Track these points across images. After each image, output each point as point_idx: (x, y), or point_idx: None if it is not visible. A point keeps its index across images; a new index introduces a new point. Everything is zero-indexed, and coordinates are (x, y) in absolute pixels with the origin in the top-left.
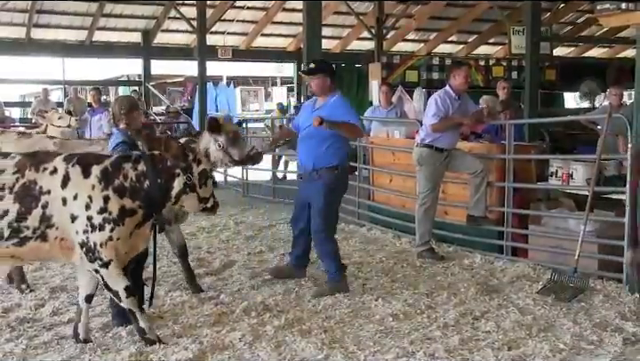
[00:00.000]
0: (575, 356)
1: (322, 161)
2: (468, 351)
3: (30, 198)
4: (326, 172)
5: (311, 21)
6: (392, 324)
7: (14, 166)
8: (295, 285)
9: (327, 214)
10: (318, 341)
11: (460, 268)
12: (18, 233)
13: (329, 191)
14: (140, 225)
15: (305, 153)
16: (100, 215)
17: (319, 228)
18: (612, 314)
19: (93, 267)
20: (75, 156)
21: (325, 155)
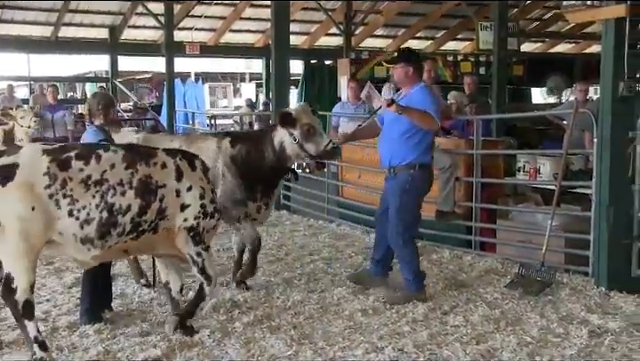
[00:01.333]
0: (542, 349)
1: (398, 157)
2: (436, 346)
3: (149, 193)
4: (402, 170)
5: (279, 17)
6: (361, 319)
7: (123, 161)
8: (265, 282)
9: (403, 216)
10: (287, 338)
11: (429, 263)
12: (137, 227)
13: (403, 192)
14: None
15: (383, 148)
16: (212, 205)
17: (395, 231)
18: (579, 307)
19: (197, 250)
20: (175, 151)
21: (401, 150)
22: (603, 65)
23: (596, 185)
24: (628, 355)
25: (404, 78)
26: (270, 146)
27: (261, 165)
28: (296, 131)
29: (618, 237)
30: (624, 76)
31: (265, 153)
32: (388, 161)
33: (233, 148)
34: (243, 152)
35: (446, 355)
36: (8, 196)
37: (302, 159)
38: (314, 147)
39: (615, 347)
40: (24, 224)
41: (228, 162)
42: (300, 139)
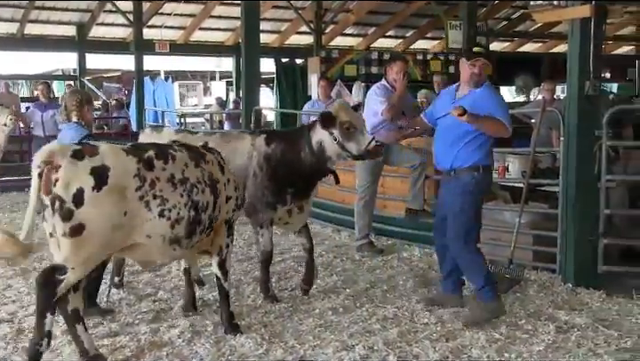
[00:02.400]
0: (510, 346)
1: (460, 159)
2: (406, 344)
3: (215, 189)
4: (465, 172)
5: (249, 15)
6: (332, 318)
7: (191, 160)
8: (235, 281)
9: (463, 219)
10: (258, 336)
11: (399, 262)
12: (211, 224)
13: (465, 193)
14: None
15: (441, 150)
16: (238, 198)
17: (455, 236)
18: (546, 303)
19: (227, 241)
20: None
21: (464, 152)
22: (569, 64)
23: (563, 183)
24: (594, 349)
25: (480, 76)
26: (308, 146)
27: (297, 167)
28: (336, 130)
29: (584, 235)
30: (590, 75)
31: (302, 153)
32: (449, 163)
33: (268, 147)
34: (278, 152)
35: (416, 352)
36: (103, 201)
37: (344, 159)
38: (356, 146)
39: (581, 342)
40: (115, 230)
41: (262, 161)
42: (341, 138)
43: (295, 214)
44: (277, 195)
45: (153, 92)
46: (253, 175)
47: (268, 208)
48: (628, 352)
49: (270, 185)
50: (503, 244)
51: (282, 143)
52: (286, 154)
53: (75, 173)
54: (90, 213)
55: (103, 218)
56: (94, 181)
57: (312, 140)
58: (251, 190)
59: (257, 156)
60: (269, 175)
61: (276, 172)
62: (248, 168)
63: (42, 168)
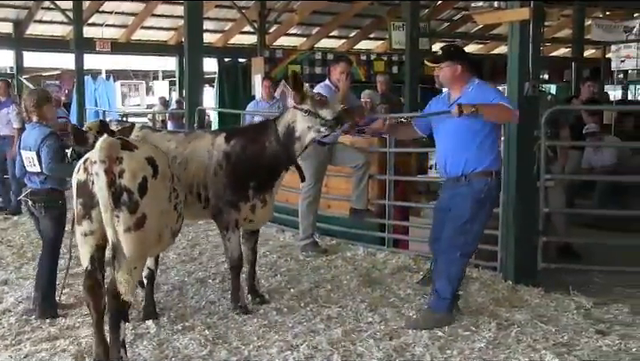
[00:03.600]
0: (452, 343)
1: (472, 163)
2: (350, 343)
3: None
4: (478, 177)
5: (192, 15)
6: (276, 318)
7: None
8: (178, 282)
9: (471, 228)
10: (202, 338)
11: (343, 261)
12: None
13: (477, 201)
14: None
15: (449, 154)
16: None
17: (454, 245)
18: (487, 301)
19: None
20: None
21: (476, 155)
22: (509, 65)
23: (504, 182)
24: (532, 345)
25: (452, 78)
26: (274, 134)
27: (259, 158)
28: (306, 104)
29: (524, 233)
30: (529, 76)
31: (266, 143)
32: (459, 168)
33: (227, 144)
34: (237, 147)
35: (360, 351)
36: (158, 187)
37: (315, 131)
38: (330, 110)
39: (521, 338)
40: (163, 216)
41: (221, 159)
42: (313, 108)
43: (259, 210)
44: (239, 191)
45: (94, 91)
46: (214, 174)
47: (231, 207)
48: (565, 347)
49: (230, 182)
50: None
51: (242, 138)
52: (247, 148)
53: (138, 163)
54: (149, 204)
55: (157, 206)
56: (152, 170)
57: (278, 127)
58: (212, 190)
59: (216, 155)
60: (228, 172)
61: (235, 168)
62: (208, 168)
63: (107, 163)
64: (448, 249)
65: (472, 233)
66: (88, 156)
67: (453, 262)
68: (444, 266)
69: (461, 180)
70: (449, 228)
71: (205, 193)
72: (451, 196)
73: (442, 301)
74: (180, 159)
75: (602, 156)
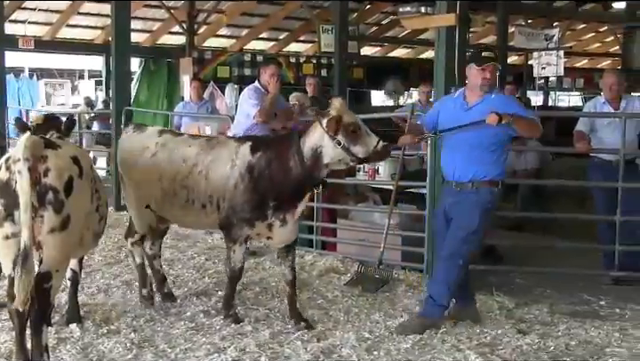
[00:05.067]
0: (379, 344)
1: (483, 171)
2: (278, 345)
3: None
4: (485, 186)
5: (120, 14)
6: (203, 320)
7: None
8: (104, 285)
9: (475, 237)
10: (127, 341)
11: (272, 263)
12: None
13: (484, 210)
14: None
15: (460, 159)
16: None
17: (455, 253)
18: (414, 302)
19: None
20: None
21: (487, 163)
22: (435, 70)
23: (430, 185)
24: (457, 345)
25: (492, 82)
26: (297, 154)
27: (283, 178)
28: (339, 134)
29: None
30: (455, 80)
31: (290, 162)
32: (469, 175)
33: (252, 156)
34: (263, 161)
35: (288, 353)
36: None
37: (344, 164)
38: (363, 148)
39: (445, 338)
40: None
41: (244, 172)
42: (346, 142)
43: (277, 229)
44: (257, 210)
45: (17, 90)
46: (234, 186)
47: (245, 224)
48: (488, 346)
49: (250, 198)
50: (373, 244)
51: (268, 151)
52: (272, 163)
53: (63, 162)
54: (74, 204)
55: (82, 207)
56: (78, 169)
57: (304, 146)
58: (229, 202)
59: (239, 165)
60: (250, 188)
61: (257, 184)
62: (229, 178)
63: (31, 161)
64: (451, 257)
65: (476, 241)
66: (10, 154)
67: (455, 270)
68: (444, 274)
69: (467, 186)
70: (453, 237)
71: (224, 204)
72: (454, 202)
73: (437, 308)
74: (200, 167)
75: (524, 161)
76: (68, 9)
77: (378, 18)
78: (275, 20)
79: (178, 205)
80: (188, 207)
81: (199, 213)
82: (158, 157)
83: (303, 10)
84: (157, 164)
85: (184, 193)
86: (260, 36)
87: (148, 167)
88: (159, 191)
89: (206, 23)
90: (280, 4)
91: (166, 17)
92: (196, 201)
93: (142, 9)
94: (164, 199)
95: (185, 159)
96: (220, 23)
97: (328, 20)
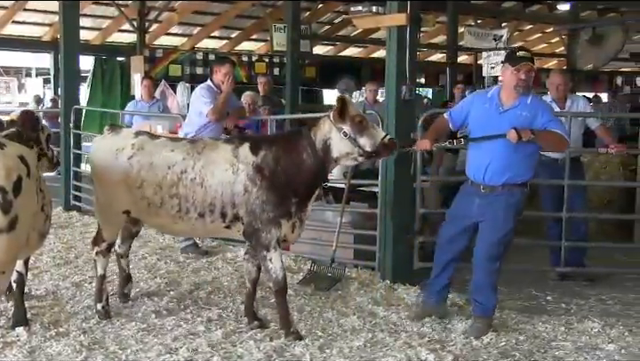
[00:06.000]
0: (332, 343)
1: (516, 174)
2: (231, 344)
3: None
4: (517, 188)
5: (68, 11)
6: (155, 321)
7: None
8: (53, 287)
9: (508, 239)
10: (77, 343)
11: (224, 263)
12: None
13: (516, 212)
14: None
15: (491, 161)
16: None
17: (493, 256)
18: (366, 300)
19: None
20: None
21: (522, 166)
22: (387, 69)
23: (382, 183)
24: (409, 342)
25: (528, 83)
26: (311, 146)
27: (300, 171)
28: (346, 125)
29: (401, 233)
30: (406, 80)
31: (304, 155)
32: (501, 177)
33: (256, 156)
34: (270, 159)
35: (240, 353)
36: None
37: (352, 159)
38: (370, 140)
39: (397, 336)
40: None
41: (252, 174)
42: (353, 133)
43: (297, 228)
44: (281, 207)
45: None
46: (245, 191)
47: (272, 225)
48: (439, 343)
49: (271, 197)
50: (325, 243)
51: (273, 149)
52: (281, 159)
53: (12, 161)
54: (22, 205)
55: (29, 207)
56: (26, 169)
57: (316, 139)
58: (246, 208)
59: (244, 169)
60: (266, 187)
61: (273, 182)
62: (234, 184)
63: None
64: (487, 261)
65: (510, 241)
66: None
67: (494, 273)
68: (486, 279)
69: (498, 189)
70: (487, 240)
71: (233, 211)
72: (483, 205)
73: (489, 309)
74: (192, 174)
75: None
76: (14, 5)
77: (330, 17)
78: (227, 18)
79: (166, 215)
80: (179, 217)
81: (194, 223)
82: (136, 161)
83: (255, 8)
84: (136, 169)
85: (174, 202)
86: (212, 35)
87: (125, 171)
88: (141, 199)
89: (157, 21)
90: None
91: (116, 14)
92: (191, 210)
93: (92, 6)
94: (149, 208)
95: (170, 165)
96: (171, 21)
97: (280, 19)
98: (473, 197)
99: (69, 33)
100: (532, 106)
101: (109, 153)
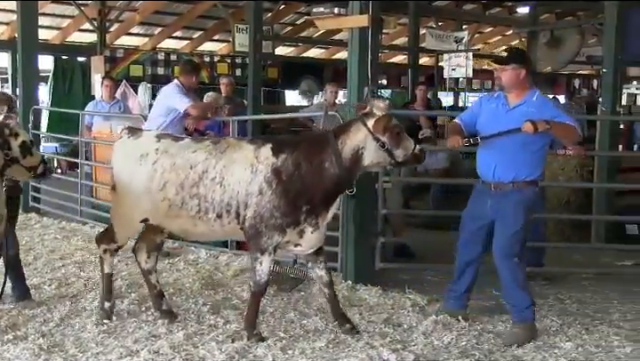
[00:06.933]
0: (294, 343)
1: (524, 172)
2: (192, 346)
3: None
4: (527, 185)
5: (26, 9)
6: (116, 323)
7: None
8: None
9: (522, 237)
10: (35, 347)
11: (186, 264)
12: None
13: (528, 209)
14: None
15: (500, 161)
16: None
17: (511, 253)
18: None
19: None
20: None
21: (529, 163)
22: (349, 70)
23: None
24: (370, 343)
25: (515, 82)
26: (334, 155)
27: (318, 180)
28: (385, 136)
29: (363, 234)
30: (368, 81)
31: (326, 164)
32: (510, 175)
33: (276, 158)
34: (290, 163)
35: (202, 354)
36: None
37: (378, 168)
38: (403, 152)
39: (359, 336)
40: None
41: (270, 176)
42: (390, 144)
43: (308, 235)
44: (289, 214)
45: None
46: (259, 192)
47: (276, 232)
48: (401, 343)
49: (280, 204)
50: None
51: (295, 153)
52: (302, 165)
53: None
54: None
55: None
56: None
57: (344, 147)
58: (254, 210)
59: (263, 170)
60: (279, 192)
61: (287, 187)
62: (251, 184)
63: None
64: (503, 259)
65: (523, 239)
66: None
67: (515, 269)
68: (507, 277)
69: (508, 187)
70: (499, 237)
71: (245, 212)
72: (495, 203)
73: (526, 311)
74: (213, 174)
75: (436, 160)
76: None
77: (292, 18)
78: (188, 18)
79: (187, 216)
80: (199, 217)
81: (213, 224)
82: (160, 165)
83: (217, 9)
84: (159, 172)
85: (194, 202)
86: (174, 35)
87: (149, 177)
88: (162, 201)
89: (118, 21)
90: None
91: (76, 14)
92: (209, 210)
93: (51, 5)
94: (169, 210)
95: (192, 165)
96: (132, 21)
97: (242, 20)
98: (485, 198)
99: (28, 32)
100: (537, 102)
101: (133, 160)
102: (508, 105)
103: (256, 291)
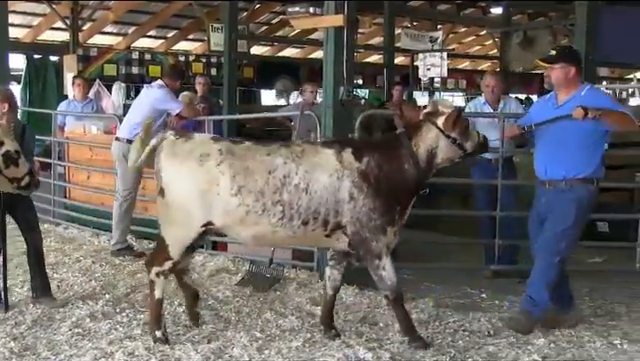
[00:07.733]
0: (270, 343)
1: (576, 169)
2: (168, 347)
3: None
4: (580, 183)
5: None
6: (90, 325)
7: None
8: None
9: (572, 237)
10: (6, 351)
11: None
12: None
13: (580, 207)
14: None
15: (551, 158)
16: None
17: (552, 250)
18: (305, 300)
19: None
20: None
21: (582, 160)
22: (325, 70)
23: None
24: (347, 341)
25: (564, 80)
26: (410, 157)
27: (401, 180)
28: (455, 132)
29: None
30: (343, 81)
31: (404, 165)
32: (561, 172)
33: (360, 163)
34: (374, 166)
35: (178, 355)
36: None
37: (451, 162)
38: (472, 143)
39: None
40: None
41: (358, 180)
42: (461, 138)
43: (397, 235)
44: (387, 214)
45: None
46: (350, 198)
47: (381, 233)
48: (377, 342)
49: (378, 205)
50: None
51: (375, 154)
52: (383, 166)
53: None
54: None
55: None
56: None
57: (419, 149)
58: (351, 217)
59: (350, 176)
60: (373, 194)
61: (379, 188)
62: (339, 190)
63: None
64: (547, 255)
65: (572, 238)
66: None
67: (552, 268)
68: (541, 272)
69: (560, 184)
70: (549, 234)
71: (336, 219)
72: (548, 201)
73: (538, 307)
74: (297, 180)
75: None
76: None
77: (268, 17)
78: (163, 17)
79: (267, 223)
80: (281, 224)
81: (296, 230)
82: (228, 166)
83: (192, 8)
84: (229, 175)
85: (278, 209)
86: (148, 34)
87: (214, 178)
88: (237, 207)
89: (91, 19)
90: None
91: (48, 12)
92: (295, 218)
93: (21, 3)
94: (246, 217)
95: (270, 170)
96: (105, 20)
97: (217, 19)
98: (541, 196)
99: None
100: (585, 97)
101: (191, 160)
102: (557, 103)
103: (395, 297)
